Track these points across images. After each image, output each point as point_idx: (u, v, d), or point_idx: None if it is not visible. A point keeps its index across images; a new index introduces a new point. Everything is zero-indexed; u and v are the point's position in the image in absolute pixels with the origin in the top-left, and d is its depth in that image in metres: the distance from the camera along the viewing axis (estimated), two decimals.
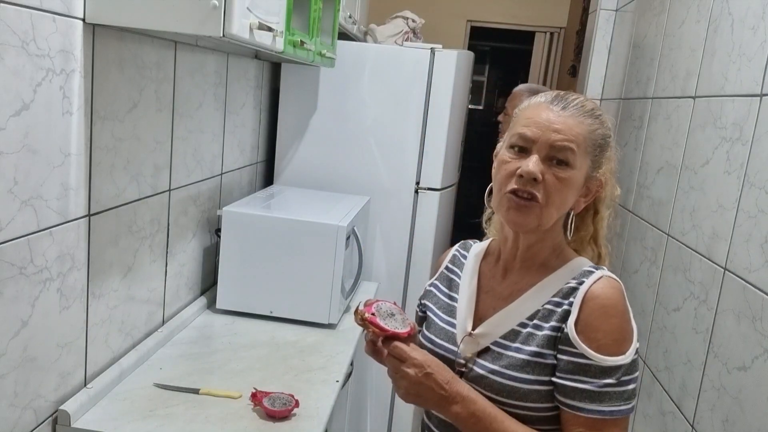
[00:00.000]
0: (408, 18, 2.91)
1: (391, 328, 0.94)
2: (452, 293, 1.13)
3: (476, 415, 0.94)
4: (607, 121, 1.02)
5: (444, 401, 0.95)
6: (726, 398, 1.37)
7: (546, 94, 1.02)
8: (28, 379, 1.20)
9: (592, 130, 0.98)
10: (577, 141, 0.96)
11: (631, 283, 2.18)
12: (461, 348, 1.04)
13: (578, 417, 0.92)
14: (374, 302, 0.98)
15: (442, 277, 1.18)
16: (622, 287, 0.98)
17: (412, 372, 0.94)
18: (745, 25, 1.52)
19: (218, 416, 1.41)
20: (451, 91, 2.49)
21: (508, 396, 0.97)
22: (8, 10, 1.04)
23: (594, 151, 0.99)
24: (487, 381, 0.99)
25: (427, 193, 2.56)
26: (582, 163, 0.98)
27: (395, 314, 0.98)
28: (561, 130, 0.95)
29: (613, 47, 2.87)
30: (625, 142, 2.46)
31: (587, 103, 1.01)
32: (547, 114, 0.97)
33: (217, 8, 1.19)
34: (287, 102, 2.54)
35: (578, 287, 0.97)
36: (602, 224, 1.08)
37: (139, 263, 1.58)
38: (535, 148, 0.96)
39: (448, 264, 1.18)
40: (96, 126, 1.32)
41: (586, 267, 1.01)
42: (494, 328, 1.03)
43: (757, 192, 1.35)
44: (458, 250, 1.20)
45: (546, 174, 0.95)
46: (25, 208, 1.13)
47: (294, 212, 2.05)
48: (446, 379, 0.95)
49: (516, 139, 0.98)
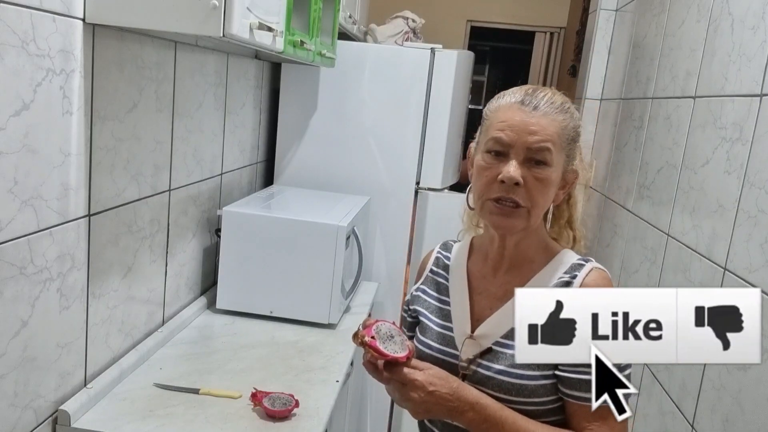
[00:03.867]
0: (408, 18, 2.91)
1: (390, 352, 0.95)
2: (442, 296, 1.13)
3: (488, 420, 0.95)
4: (575, 112, 1.04)
5: (455, 412, 0.96)
6: (726, 398, 1.37)
7: (514, 93, 1.02)
8: (28, 379, 1.20)
9: (564, 126, 1.00)
10: (552, 140, 0.98)
11: (631, 283, 2.18)
12: (462, 351, 1.05)
13: (584, 407, 0.95)
14: (373, 323, 0.97)
15: (428, 280, 1.17)
16: (610, 276, 1.02)
17: (415, 395, 0.94)
18: (745, 25, 1.52)
19: (218, 416, 1.41)
20: (451, 91, 2.49)
21: (517, 394, 0.98)
22: (8, 10, 1.04)
23: (568, 146, 1.02)
24: (495, 381, 1.00)
25: (427, 193, 2.56)
26: (558, 159, 1.00)
27: (394, 336, 0.98)
28: (536, 131, 0.97)
29: (613, 47, 2.87)
30: (625, 142, 2.46)
31: (556, 98, 1.02)
32: (520, 116, 0.98)
33: (217, 8, 1.19)
34: (287, 102, 2.54)
35: (572, 281, 1.00)
36: (576, 208, 1.12)
37: (139, 263, 1.58)
38: (512, 151, 0.98)
39: (432, 267, 1.18)
40: (96, 126, 1.32)
41: (574, 260, 1.04)
42: (494, 328, 1.04)
43: (757, 192, 1.35)
44: (440, 252, 1.19)
45: (526, 177, 0.97)
46: (25, 208, 1.13)
47: (294, 212, 2.05)
48: (452, 389, 0.95)
49: (492, 143, 0.99)
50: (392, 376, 0.95)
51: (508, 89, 1.05)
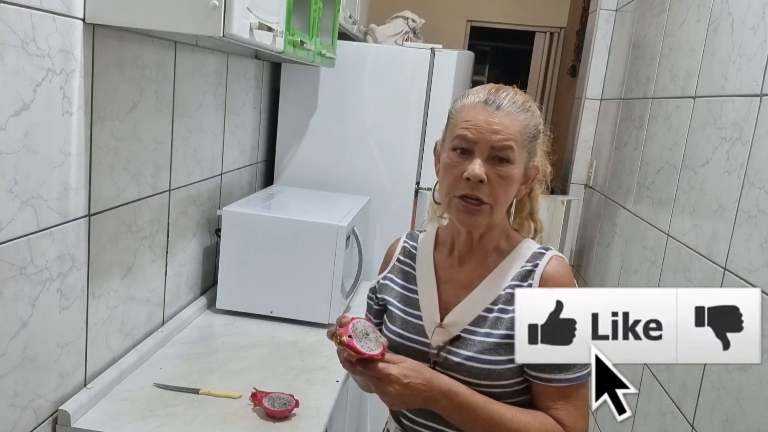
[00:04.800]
0: (408, 18, 2.90)
1: (366, 350, 0.99)
2: (410, 285, 1.17)
3: (461, 406, 1.01)
4: (536, 110, 1.09)
5: (429, 400, 1.00)
6: (726, 398, 1.37)
7: (478, 93, 1.07)
8: (28, 379, 1.20)
9: (525, 125, 1.05)
10: (514, 138, 1.03)
11: (631, 283, 2.18)
12: (433, 339, 1.09)
13: (550, 387, 1.02)
14: (349, 321, 1.01)
15: (395, 269, 1.21)
16: (567, 263, 1.10)
17: (392, 389, 0.99)
18: (745, 25, 1.52)
19: (218, 416, 1.41)
20: (451, 91, 2.49)
21: (485, 378, 1.03)
22: (8, 10, 1.04)
23: (529, 143, 1.07)
24: (464, 367, 1.05)
25: (427, 193, 2.56)
26: (520, 156, 1.05)
27: (369, 333, 1.01)
28: (499, 130, 1.02)
29: (613, 47, 2.87)
30: (625, 142, 2.46)
31: (518, 98, 1.06)
32: (484, 115, 1.03)
33: (217, 8, 1.19)
34: (287, 102, 2.54)
35: (534, 270, 1.07)
36: (537, 201, 1.17)
37: (139, 263, 1.58)
38: (477, 149, 1.03)
39: (399, 256, 1.22)
40: (96, 126, 1.32)
41: (535, 249, 1.10)
42: (461, 316, 1.08)
43: (757, 192, 1.35)
44: (407, 241, 1.23)
45: (490, 174, 1.02)
46: (25, 208, 1.13)
47: (294, 212, 2.05)
48: (425, 380, 1.00)
49: (458, 141, 1.04)
50: (367, 372, 0.99)
51: (472, 88, 1.10)
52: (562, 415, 1.02)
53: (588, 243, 2.89)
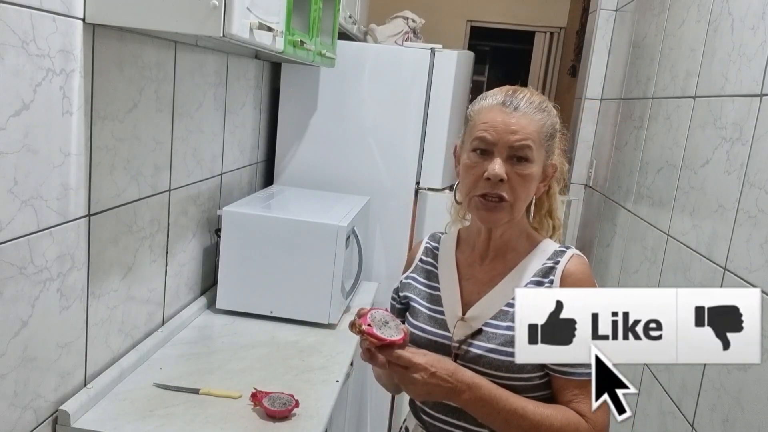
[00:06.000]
0: (408, 18, 2.90)
1: (387, 336, 0.99)
2: (432, 283, 1.20)
3: (483, 399, 1.02)
4: (552, 110, 1.12)
5: (452, 392, 1.01)
6: (726, 398, 1.37)
7: (495, 95, 1.10)
8: (28, 379, 1.20)
9: (542, 124, 1.08)
10: (532, 138, 1.06)
11: (631, 283, 2.18)
12: (455, 332, 1.11)
13: (570, 381, 1.05)
14: (368, 312, 1.01)
15: (417, 269, 1.24)
16: (587, 261, 1.13)
17: (418, 376, 1.00)
18: (745, 25, 1.52)
19: (218, 416, 1.41)
20: (451, 91, 2.49)
21: (506, 371, 1.05)
22: (8, 10, 1.04)
23: (547, 142, 1.10)
24: (486, 359, 1.07)
25: (426, 193, 2.56)
26: (539, 155, 1.08)
27: (389, 321, 1.02)
28: (517, 131, 1.05)
29: (613, 47, 2.87)
30: (625, 142, 2.46)
31: (534, 98, 1.10)
32: (502, 117, 1.06)
33: (217, 8, 1.19)
34: (287, 102, 2.54)
35: (555, 266, 1.10)
36: (555, 198, 1.20)
37: (139, 263, 1.58)
38: (496, 150, 1.06)
39: (422, 257, 1.25)
40: (96, 126, 1.32)
41: (556, 248, 1.13)
42: (483, 310, 1.11)
43: (757, 192, 1.35)
44: (429, 243, 1.26)
45: (510, 173, 1.05)
46: (25, 208, 1.13)
47: (294, 212, 2.05)
48: (450, 371, 1.01)
49: (477, 142, 1.07)
50: (392, 359, 1.00)
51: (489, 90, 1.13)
52: (583, 408, 1.03)
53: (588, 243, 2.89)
